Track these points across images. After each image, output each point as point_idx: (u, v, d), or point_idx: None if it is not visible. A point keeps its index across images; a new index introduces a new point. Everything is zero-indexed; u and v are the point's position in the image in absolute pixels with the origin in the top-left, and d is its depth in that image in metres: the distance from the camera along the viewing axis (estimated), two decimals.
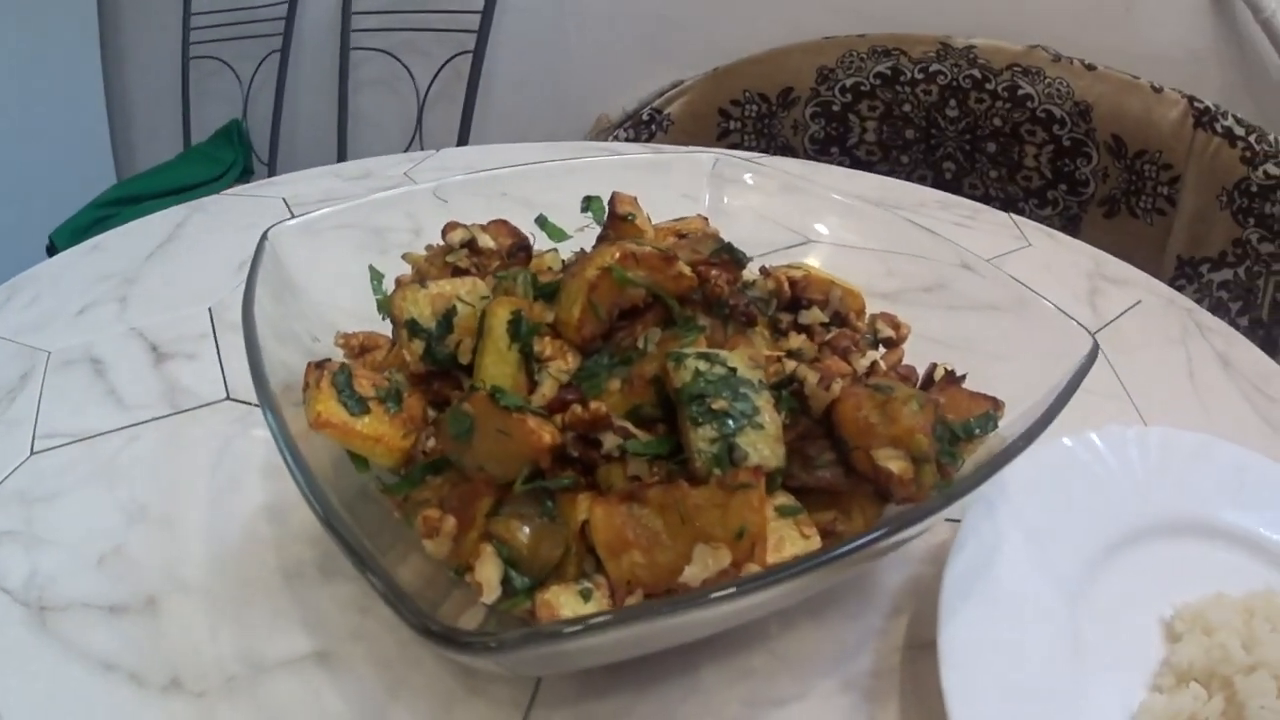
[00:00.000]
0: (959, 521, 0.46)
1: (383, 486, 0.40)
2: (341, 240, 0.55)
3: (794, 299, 0.47)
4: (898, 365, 0.47)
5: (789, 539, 0.35)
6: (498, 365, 0.39)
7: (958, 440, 0.40)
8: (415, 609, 0.27)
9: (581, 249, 0.52)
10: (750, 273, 0.48)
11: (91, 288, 0.69)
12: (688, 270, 0.41)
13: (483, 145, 1.53)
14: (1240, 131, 1.00)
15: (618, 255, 0.40)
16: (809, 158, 1.23)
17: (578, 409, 0.36)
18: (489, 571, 0.35)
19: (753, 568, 0.32)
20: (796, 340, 0.45)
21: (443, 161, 0.97)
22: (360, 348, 0.47)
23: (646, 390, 0.38)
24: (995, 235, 0.83)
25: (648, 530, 0.34)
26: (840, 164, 1.24)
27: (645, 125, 1.28)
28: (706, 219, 0.56)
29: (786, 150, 1.24)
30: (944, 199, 0.89)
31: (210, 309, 0.67)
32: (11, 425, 0.54)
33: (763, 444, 0.35)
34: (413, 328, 0.42)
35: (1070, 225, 1.16)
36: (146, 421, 0.56)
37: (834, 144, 1.22)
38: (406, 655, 0.41)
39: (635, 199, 0.52)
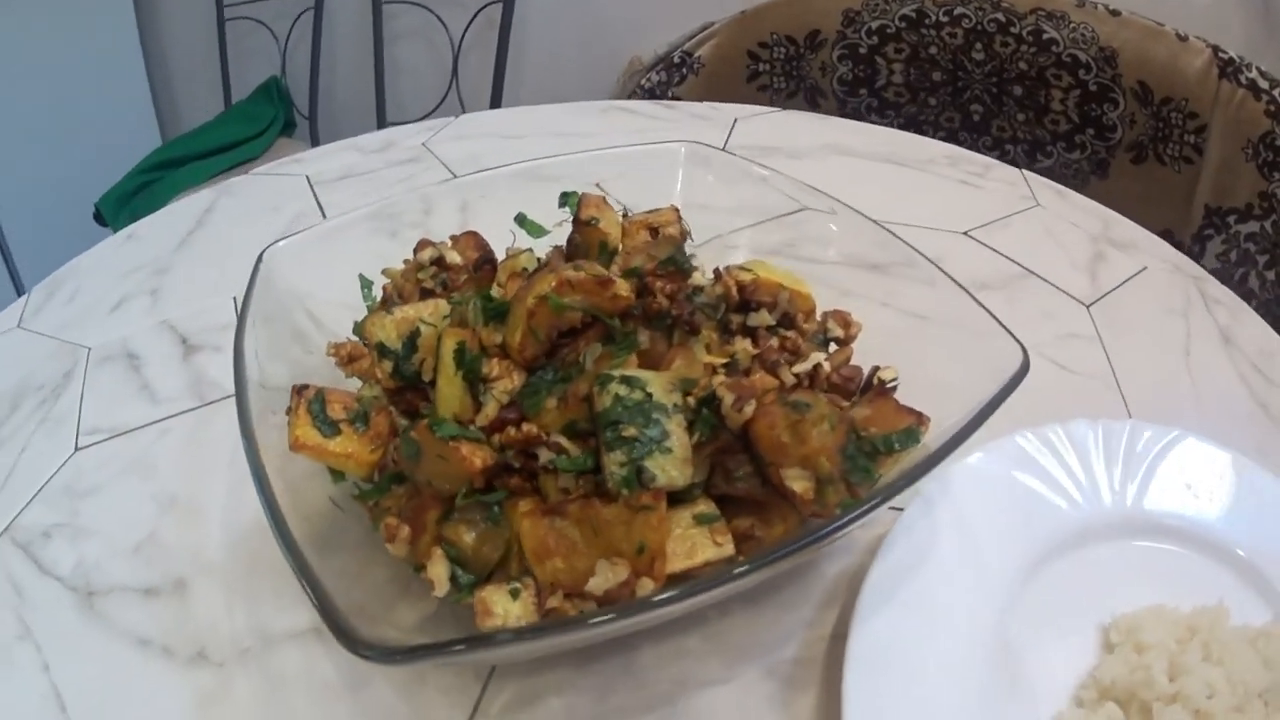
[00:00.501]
0: (902, 510, 0.51)
1: (356, 494, 0.47)
2: (354, 227, 0.62)
3: (743, 301, 0.51)
4: (844, 364, 0.52)
5: (701, 546, 0.42)
6: (448, 388, 0.46)
7: (877, 454, 0.44)
8: (341, 628, 0.34)
9: (555, 247, 0.58)
10: (705, 274, 0.53)
11: (125, 280, 0.78)
12: (624, 291, 0.47)
13: (502, 110, 1.58)
14: (1264, 85, 0.98)
15: (554, 284, 0.45)
16: (839, 100, 1.25)
17: (512, 431, 0.43)
18: (439, 570, 0.42)
19: (647, 583, 0.38)
20: (741, 345, 0.50)
21: (460, 130, 1.03)
22: (349, 356, 0.54)
23: (580, 407, 0.44)
24: (1004, 195, 0.85)
25: (567, 540, 0.41)
26: (869, 104, 1.26)
27: (676, 68, 1.31)
28: (678, 209, 0.61)
29: (816, 91, 1.25)
30: (954, 154, 0.91)
31: (235, 298, 0.75)
32: (57, 423, 0.64)
33: (670, 466, 0.41)
34: (381, 350, 0.49)
35: (1099, 169, 1.17)
36: (176, 415, 0.65)
37: (862, 85, 1.23)
38: (394, 624, 0.49)
39: (603, 199, 0.57)
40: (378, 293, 0.58)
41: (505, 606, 0.40)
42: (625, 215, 0.60)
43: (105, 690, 0.48)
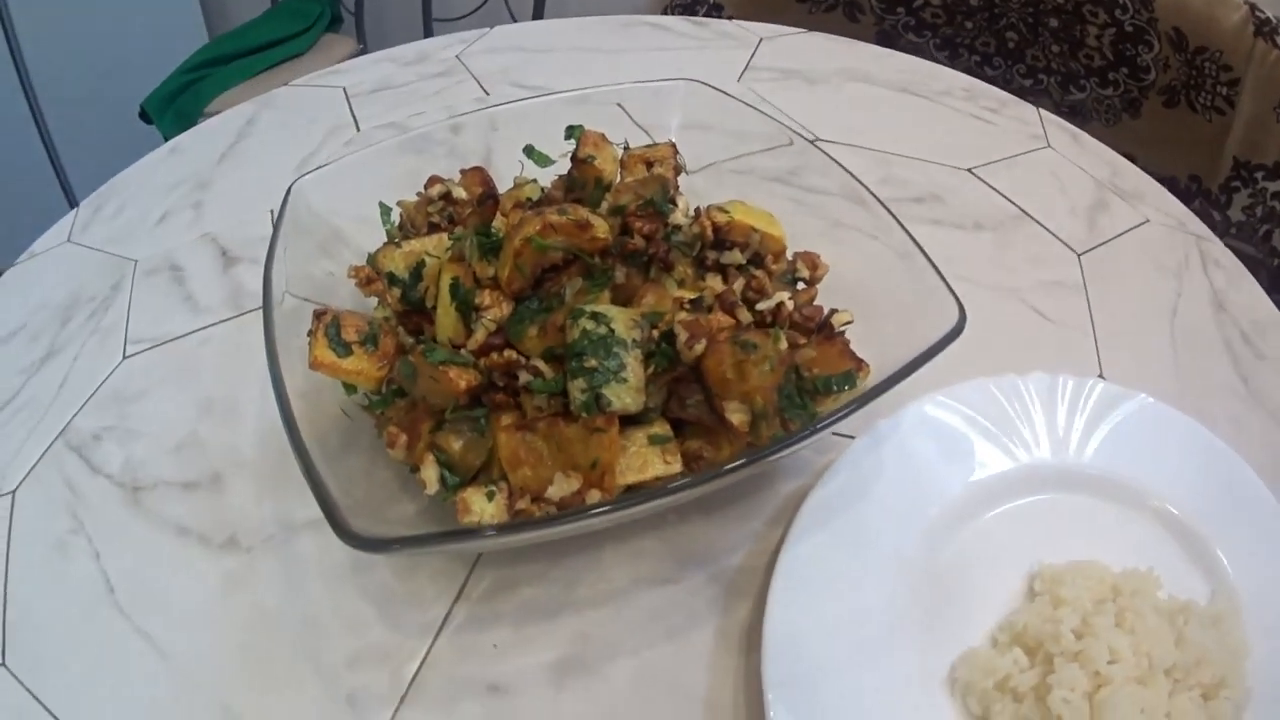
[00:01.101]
0: (853, 440, 0.60)
1: (365, 405, 0.57)
2: (380, 159, 0.70)
3: (718, 240, 0.59)
4: (809, 304, 0.60)
5: (652, 462, 0.51)
6: (445, 317, 0.55)
7: (815, 394, 0.53)
8: (335, 518, 0.45)
9: (559, 176, 0.65)
10: (689, 211, 0.61)
11: (169, 194, 0.89)
12: (601, 233, 0.55)
13: (531, 23, 1.63)
14: None
15: (539, 227, 0.54)
16: (876, 16, 1.29)
17: (495, 355, 0.52)
18: (430, 473, 0.52)
19: (596, 494, 0.48)
20: (712, 281, 0.58)
21: (492, 43, 1.11)
22: (366, 278, 0.64)
23: (558, 335, 0.53)
24: (1014, 133, 0.90)
25: (535, 452, 0.50)
26: (906, 23, 1.29)
27: None
28: (674, 144, 0.68)
29: (854, 6, 1.29)
30: (971, 86, 0.95)
31: (272, 211, 0.85)
32: (106, 334, 0.75)
33: (625, 394, 0.50)
34: (391, 279, 0.59)
35: (1131, 108, 1.20)
36: (215, 324, 0.75)
37: (900, 4, 1.27)
38: (390, 518, 0.59)
39: (602, 137, 0.65)
40: (395, 218, 0.67)
41: (481, 506, 0.50)
42: (626, 148, 0.68)
43: (147, 574, 0.59)
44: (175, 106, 1.66)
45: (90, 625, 0.57)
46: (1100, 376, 0.68)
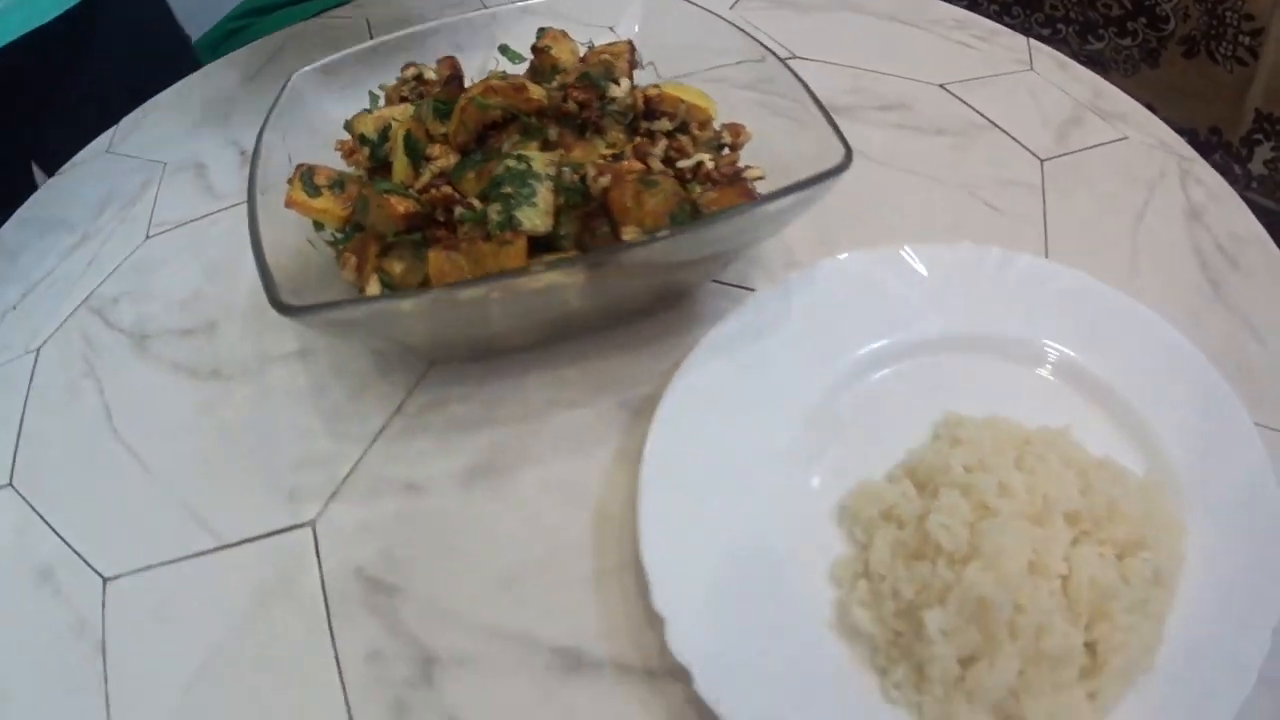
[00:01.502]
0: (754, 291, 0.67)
1: (330, 241, 0.67)
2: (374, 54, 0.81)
3: (649, 111, 0.68)
4: (729, 165, 0.67)
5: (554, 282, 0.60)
6: (398, 163, 0.65)
7: None
8: (269, 285, 0.55)
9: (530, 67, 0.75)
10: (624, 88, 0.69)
11: (200, 110, 1.01)
12: (536, 95, 0.64)
13: None
14: None
15: (481, 89, 0.64)
16: None
17: (434, 191, 0.62)
18: (374, 289, 0.62)
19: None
20: (641, 143, 0.66)
21: None
22: (349, 150, 0.74)
23: (491, 179, 0.62)
24: (999, 57, 0.93)
25: (458, 266, 0.59)
26: None
27: None
28: (632, 43, 0.76)
29: None
30: (963, 18, 0.99)
31: None
32: (133, 221, 0.87)
33: (534, 216, 0.59)
34: (362, 139, 0.69)
35: (1149, 58, 1.23)
36: (229, 207, 0.87)
37: None
38: (347, 352, 0.69)
39: (563, 33, 0.74)
40: (382, 103, 0.78)
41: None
42: (591, 47, 0.77)
43: (141, 402, 0.71)
44: (219, 53, 1.82)
45: (87, 447, 0.68)
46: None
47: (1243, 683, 0.48)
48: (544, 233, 0.59)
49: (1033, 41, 0.97)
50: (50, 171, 0.98)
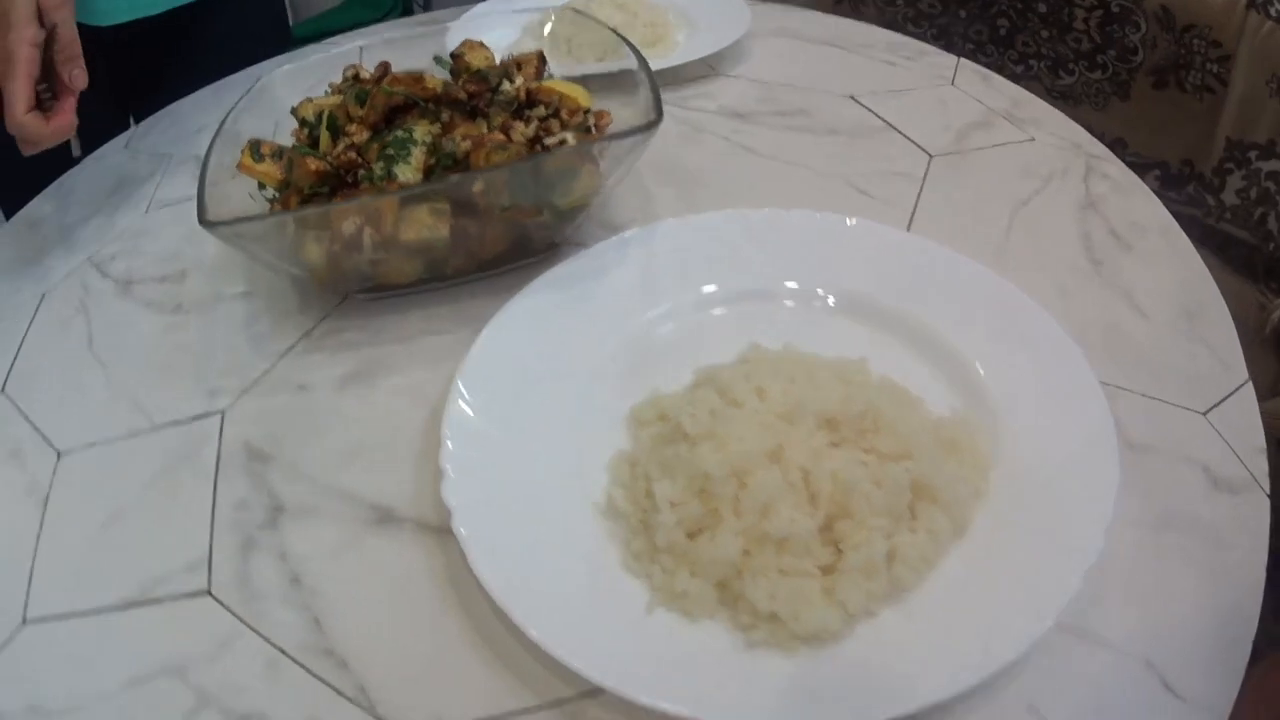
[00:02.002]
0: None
1: (269, 197, 0.87)
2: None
3: (531, 100, 0.86)
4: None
5: (425, 222, 0.77)
6: (324, 138, 0.85)
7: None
8: (201, 208, 0.74)
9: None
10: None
11: (211, 115, 1.23)
12: (430, 84, 0.83)
13: None
14: None
15: (389, 80, 0.83)
16: (878, 8, 1.51)
17: (342, 155, 0.81)
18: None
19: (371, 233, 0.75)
20: (516, 124, 0.84)
21: None
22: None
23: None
24: (921, 73, 1.05)
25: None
26: (905, 14, 1.51)
27: None
28: (542, 52, 0.95)
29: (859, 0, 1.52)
30: (898, 42, 1.12)
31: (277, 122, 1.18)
32: (138, 202, 1.08)
33: (407, 171, 0.77)
34: (302, 121, 0.89)
35: (1120, 91, 1.33)
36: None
37: None
38: (279, 291, 0.89)
39: (480, 43, 0.93)
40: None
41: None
42: (510, 56, 0.95)
43: (117, 330, 0.90)
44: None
45: (68, 363, 0.88)
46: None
47: (1038, 621, 0.52)
48: (414, 182, 0.77)
49: (962, 60, 1.08)
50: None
